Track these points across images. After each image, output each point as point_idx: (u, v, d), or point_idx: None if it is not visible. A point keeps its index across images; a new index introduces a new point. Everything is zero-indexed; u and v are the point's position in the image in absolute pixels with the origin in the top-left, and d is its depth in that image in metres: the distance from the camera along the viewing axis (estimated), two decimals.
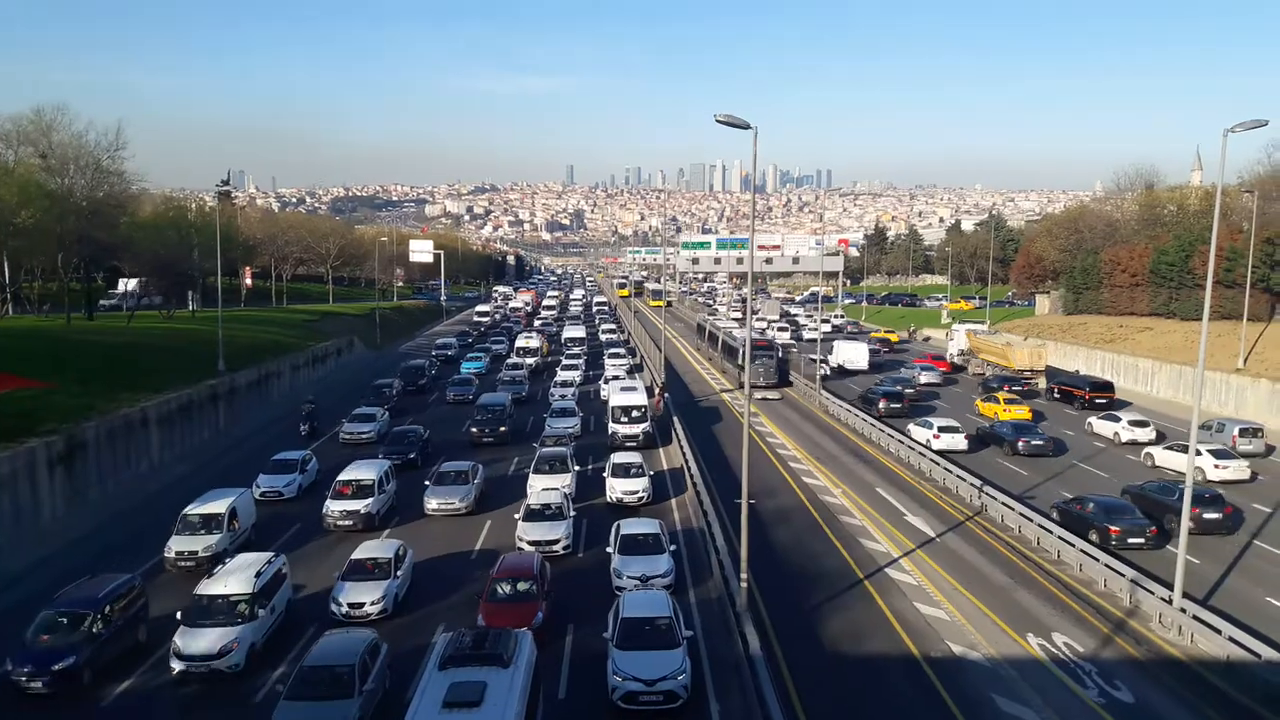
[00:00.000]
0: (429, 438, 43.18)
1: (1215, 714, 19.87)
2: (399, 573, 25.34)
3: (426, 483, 34.44)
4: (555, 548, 28.75)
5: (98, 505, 33.47)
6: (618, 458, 36.90)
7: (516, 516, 30.40)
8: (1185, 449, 40.51)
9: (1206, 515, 31.53)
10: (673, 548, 27.29)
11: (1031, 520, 31.40)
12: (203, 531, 28.45)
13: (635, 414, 44.58)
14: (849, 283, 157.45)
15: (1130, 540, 29.86)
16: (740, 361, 59.92)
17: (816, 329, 68.68)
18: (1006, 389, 57.32)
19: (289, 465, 37.34)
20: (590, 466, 39.26)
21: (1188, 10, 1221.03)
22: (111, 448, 35.50)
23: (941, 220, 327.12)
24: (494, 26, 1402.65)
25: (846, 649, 22.96)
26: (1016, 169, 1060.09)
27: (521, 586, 23.55)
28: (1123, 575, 26.13)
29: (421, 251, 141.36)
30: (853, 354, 70.46)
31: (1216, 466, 38.81)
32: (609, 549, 27.07)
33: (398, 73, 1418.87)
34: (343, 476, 32.92)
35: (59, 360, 41.77)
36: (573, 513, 31.00)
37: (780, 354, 66.41)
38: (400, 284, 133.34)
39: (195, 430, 43.39)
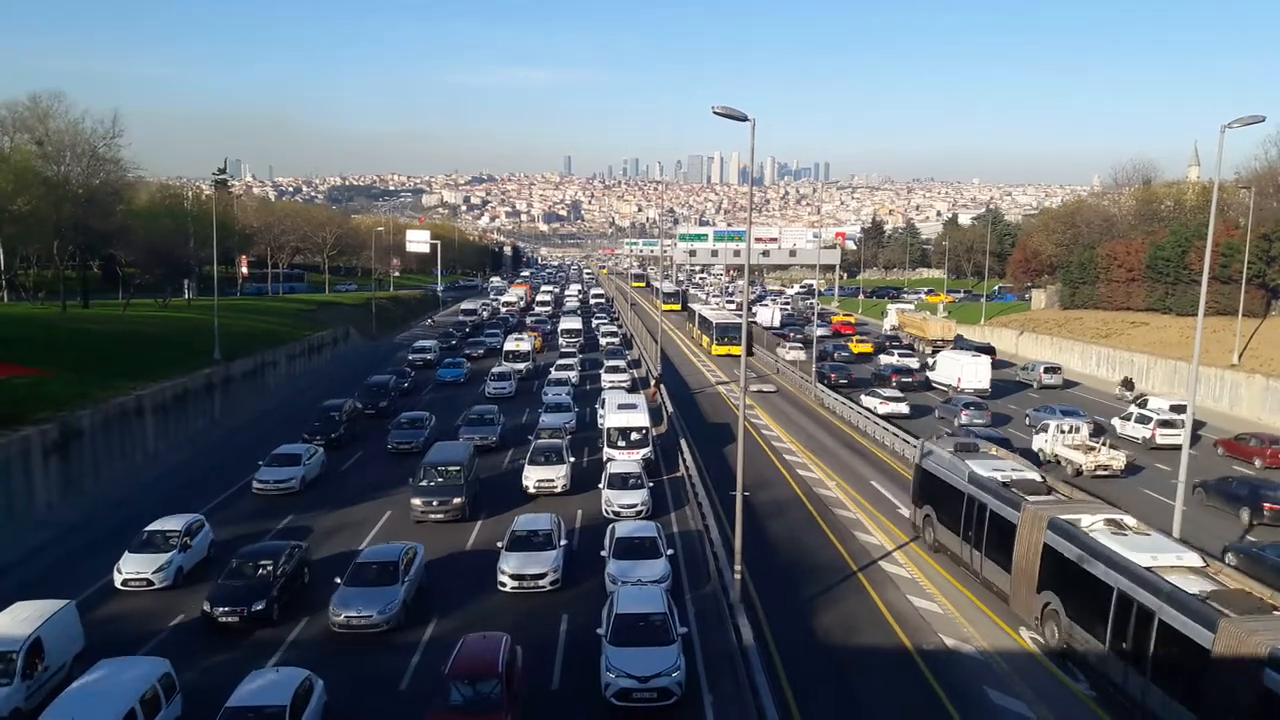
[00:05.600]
0: (307, 553, 26.70)
1: None
2: None
3: (337, 580, 23.96)
4: (542, 583, 25.44)
5: (92, 494, 33.47)
6: (614, 468, 34.25)
7: (499, 545, 26.90)
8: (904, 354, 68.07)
9: (903, 379, 60.00)
10: (670, 551, 26.33)
11: None
12: None
13: (635, 437, 38.93)
14: (846, 276, 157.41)
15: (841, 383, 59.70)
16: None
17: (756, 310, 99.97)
18: (858, 339, 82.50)
19: (165, 540, 26.06)
20: (585, 460, 39.34)
21: (1186, 5, 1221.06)
22: (106, 436, 35.48)
23: (939, 214, 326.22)
24: (492, 17, 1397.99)
25: (840, 641, 23.03)
26: (1014, 163, 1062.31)
27: (483, 688, 18.00)
28: None
29: (418, 242, 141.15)
30: (766, 316, 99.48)
31: (898, 360, 66.89)
32: (603, 553, 26.23)
33: (395, 63, 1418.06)
34: (64, 702, 16.61)
35: (54, 348, 41.75)
36: (563, 541, 27.27)
37: None
38: (397, 274, 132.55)
39: (190, 419, 43.35)
